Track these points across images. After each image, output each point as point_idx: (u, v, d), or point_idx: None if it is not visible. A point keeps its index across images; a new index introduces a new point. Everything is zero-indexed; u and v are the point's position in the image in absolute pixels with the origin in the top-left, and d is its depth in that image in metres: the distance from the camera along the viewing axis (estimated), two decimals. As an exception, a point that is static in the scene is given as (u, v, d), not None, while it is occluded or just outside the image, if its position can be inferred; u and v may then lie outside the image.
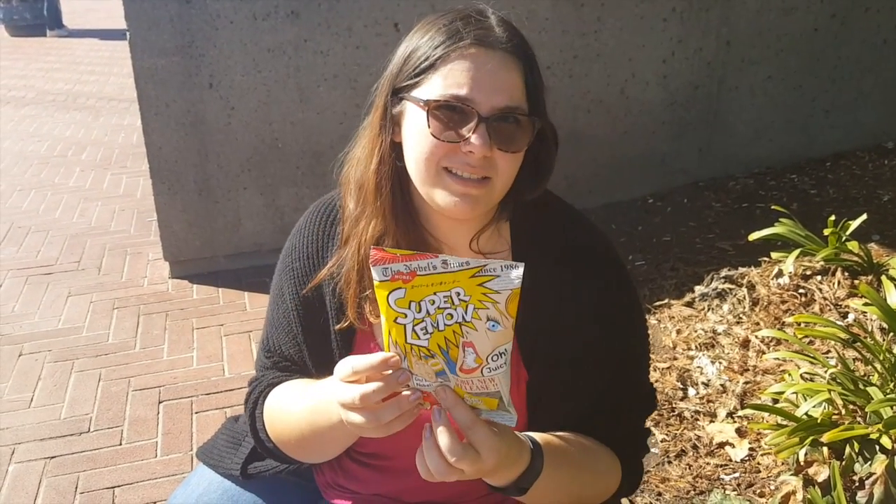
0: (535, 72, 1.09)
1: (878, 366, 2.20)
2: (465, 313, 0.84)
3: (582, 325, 1.14)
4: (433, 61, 1.05)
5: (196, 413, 2.80)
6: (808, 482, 2.01)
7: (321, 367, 1.19)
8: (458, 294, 0.83)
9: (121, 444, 2.65)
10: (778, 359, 2.60)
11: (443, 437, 0.88)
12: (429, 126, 1.04)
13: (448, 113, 1.04)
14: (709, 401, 2.58)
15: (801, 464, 2.05)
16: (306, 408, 1.12)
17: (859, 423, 2.01)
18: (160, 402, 2.86)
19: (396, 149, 1.12)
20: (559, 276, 1.15)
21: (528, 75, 1.08)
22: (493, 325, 0.84)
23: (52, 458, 2.58)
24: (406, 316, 0.84)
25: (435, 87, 1.05)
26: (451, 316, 0.84)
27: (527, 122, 1.06)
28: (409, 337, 0.85)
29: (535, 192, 1.15)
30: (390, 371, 0.88)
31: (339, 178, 1.20)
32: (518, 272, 0.82)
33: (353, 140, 1.18)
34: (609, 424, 1.16)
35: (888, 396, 2.00)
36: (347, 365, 0.91)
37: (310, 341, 1.23)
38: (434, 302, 0.84)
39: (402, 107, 1.10)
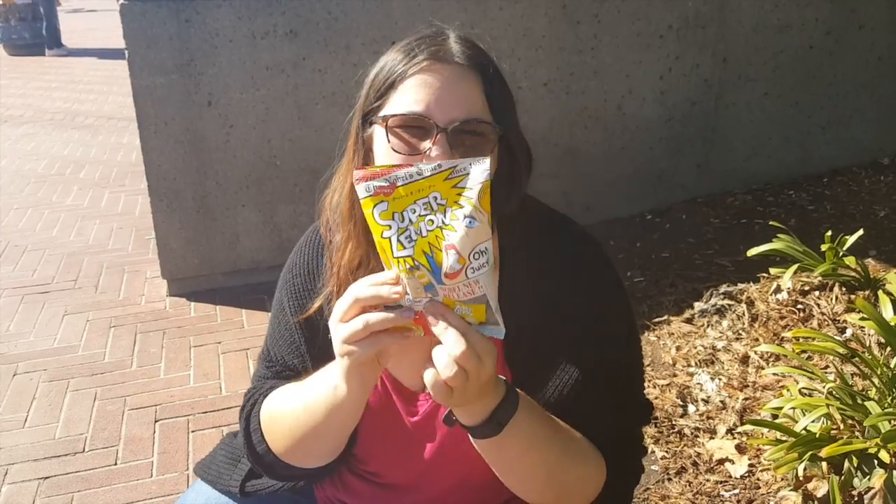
0: (496, 84, 1.10)
1: (876, 380, 2.19)
2: (444, 217, 0.88)
3: (566, 328, 1.14)
4: (392, 81, 1.08)
5: (192, 432, 2.78)
6: (808, 497, 2.01)
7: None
8: (436, 198, 0.88)
9: (116, 464, 2.63)
10: (777, 374, 2.60)
11: (449, 332, 0.89)
12: (388, 141, 1.06)
13: (407, 128, 1.05)
14: (708, 417, 2.57)
15: (801, 479, 2.05)
16: (302, 392, 1.12)
17: (858, 438, 2.00)
18: (156, 421, 2.85)
19: None
20: (546, 281, 1.15)
21: (487, 87, 1.08)
22: (471, 222, 0.87)
23: (47, 478, 2.56)
24: (390, 227, 0.88)
25: (394, 105, 1.07)
26: (432, 222, 0.88)
27: (488, 130, 1.07)
28: (395, 250, 0.88)
29: (509, 205, 1.14)
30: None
31: (318, 206, 1.22)
32: (484, 165, 0.88)
33: (330, 171, 1.20)
34: (589, 426, 1.12)
35: (886, 411, 1.99)
36: (351, 292, 0.93)
37: (313, 352, 1.24)
38: (415, 210, 0.88)
39: (371, 130, 1.11)
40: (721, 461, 2.38)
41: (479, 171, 0.88)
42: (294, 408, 1.14)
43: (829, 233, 2.95)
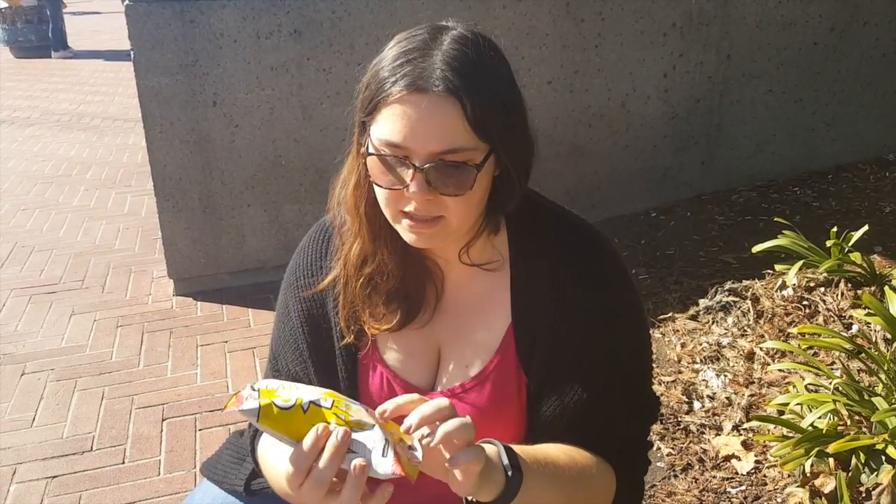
0: (483, 98, 1.01)
1: (883, 376, 2.19)
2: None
3: (577, 329, 1.13)
4: (376, 102, 1.04)
5: (200, 430, 2.79)
6: (815, 494, 2.01)
7: (327, 385, 1.19)
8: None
9: (124, 463, 2.64)
10: (783, 370, 2.60)
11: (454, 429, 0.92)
12: (368, 175, 1.06)
13: (386, 160, 1.03)
14: (714, 414, 2.57)
15: (808, 475, 2.05)
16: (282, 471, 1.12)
17: (865, 434, 2.00)
18: (164, 420, 2.86)
19: None
20: (556, 281, 1.15)
21: (468, 111, 1.00)
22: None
23: (54, 477, 2.58)
24: (290, 400, 0.92)
25: (376, 130, 1.04)
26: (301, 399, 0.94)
27: (469, 156, 1.02)
28: (325, 406, 0.94)
29: (511, 204, 1.13)
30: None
31: (329, 197, 1.21)
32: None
33: (343, 157, 1.19)
34: (606, 430, 1.15)
35: (893, 406, 1.99)
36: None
37: (315, 358, 1.23)
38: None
39: (366, 137, 1.09)
40: (727, 458, 2.38)
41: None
42: (278, 473, 1.12)
43: (835, 229, 2.94)
